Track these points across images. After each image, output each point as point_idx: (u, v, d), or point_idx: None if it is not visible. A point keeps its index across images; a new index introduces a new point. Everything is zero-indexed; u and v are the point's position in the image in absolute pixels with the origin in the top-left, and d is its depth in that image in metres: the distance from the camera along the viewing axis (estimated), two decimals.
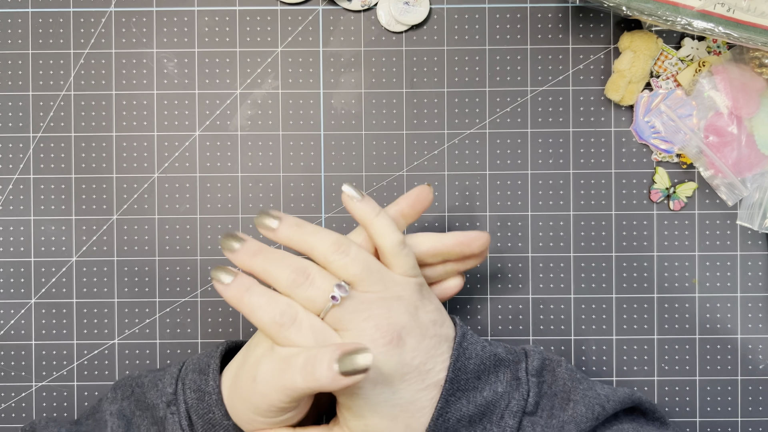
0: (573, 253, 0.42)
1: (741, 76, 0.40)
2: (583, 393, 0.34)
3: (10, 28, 0.42)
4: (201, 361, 0.34)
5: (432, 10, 0.42)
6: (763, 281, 0.42)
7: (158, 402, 0.33)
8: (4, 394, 0.42)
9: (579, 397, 0.33)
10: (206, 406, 0.32)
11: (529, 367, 0.34)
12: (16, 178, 0.42)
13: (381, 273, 0.33)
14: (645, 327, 0.42)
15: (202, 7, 0.42)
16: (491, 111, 0.42)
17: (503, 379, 0.33)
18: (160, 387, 0.34)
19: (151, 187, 0.42)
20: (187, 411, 0.33)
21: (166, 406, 0.33)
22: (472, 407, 0.32)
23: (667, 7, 0.37)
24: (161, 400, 0.33)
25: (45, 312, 0.42)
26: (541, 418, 0.33)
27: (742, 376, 0.42)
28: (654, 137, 0.41)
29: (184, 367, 0.34)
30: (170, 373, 0.34)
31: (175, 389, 0.33)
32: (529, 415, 0.33)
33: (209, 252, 0.42)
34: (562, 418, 0.33)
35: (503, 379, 0.33)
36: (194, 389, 0.33)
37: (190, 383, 0.33)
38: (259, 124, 0.42)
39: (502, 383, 0.33)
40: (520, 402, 0.33)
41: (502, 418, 0.32)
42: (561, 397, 0.34)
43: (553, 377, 0.34)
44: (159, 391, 0.34)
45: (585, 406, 0.33)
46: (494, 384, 0.33)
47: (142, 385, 0.35)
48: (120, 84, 0.42)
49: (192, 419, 0.33)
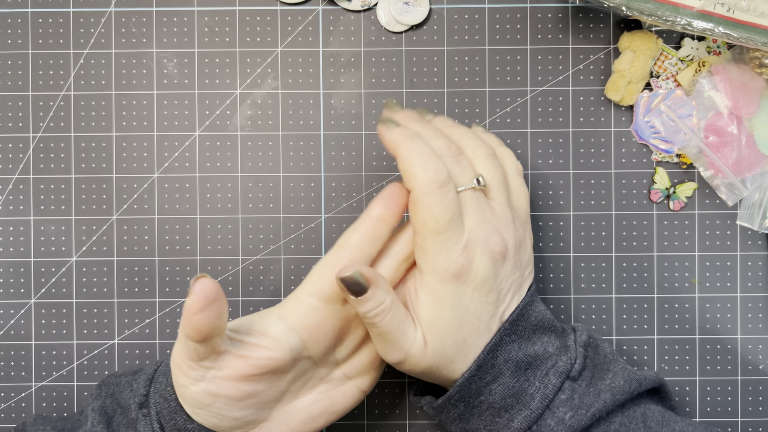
0: (573, 253, 0.42)
1: (741, 76, 0.40)
2: (622, 367, 0.34)
3: (10, 28, 0.42)
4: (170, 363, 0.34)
5: (432, 10, 0.42)
6: (763, 281, 0.42)
7: (131, 403, 0.33)
8: (3, 394, 0.42)
9: (618, 369, 0.34)
10: (169, 412, 0.32)
11: (577, 339, 0.35)
12: (15, 178, 0.42)
13: (509, 190, 0.35)
14: (645, 327, 0.42)
15: (201, 7, 0.42)
16: (491, 111, 0.42)
17: (554, 342, 0.34)
18: (134, 387, 0.34)
19: (151, 187, 0.42)
20: (158, 414, 0.32)
21: (138, 407, 0.33)
22: (521, 354, 0.33)
23: (667, 7, 0.37)
24: (134, 401, 0.33)
25: (45, 312, 0.42)
26: (580, 387, 0.33)
27: (742, 377, 0.42)
28: (654, 137, 0.41)
29: (159, 369, 0.34)
30: (145, 374, 0.34)
31: (147, 391, 0.33)
32: (571, 381, 0.33)
33: (209, 252, 0.42)
34: (599, 386, 0.33)
35: (554, 342, 0.34)
36: (160, 393, 0.32)
37: (159, 386, 0.33)
38: (259, 124, 0.42)
39: (553, 345, 0.34)
40: (567, 365, 0.33)
41: (546, 375, 0.33)
42: (602, 368, 0.34)
43: (596, 352, 0.35)
44: (132, 391, 0.33)
45: (623, 379, 0.34)
46: (546, 344, 0.34)
47: (119, 384, 0.35)
48: (120, 84, 0.42)
49: (162, 423, 0.32)
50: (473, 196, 0.33)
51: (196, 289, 0.29)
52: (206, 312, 0.29)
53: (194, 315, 0.29)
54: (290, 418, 0.34)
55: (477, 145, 0.34)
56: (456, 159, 0.33)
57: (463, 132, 0.35)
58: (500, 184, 0.34)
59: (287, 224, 0.42)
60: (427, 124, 0.34)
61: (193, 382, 0.31)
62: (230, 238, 0.42)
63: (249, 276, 0.42)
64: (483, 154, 0.34)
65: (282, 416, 0.34)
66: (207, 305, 0.29)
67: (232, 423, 0.32)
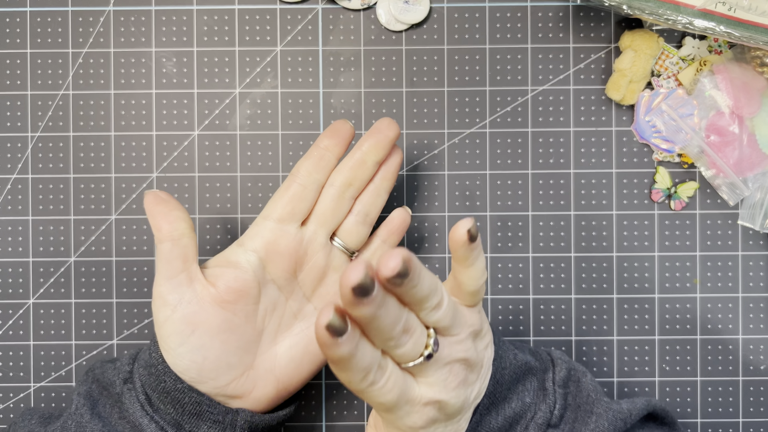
0: (573, 253, 0.42)
1: (742, 76, 0.40)
2: (606, 406, 0.33)
3: (9, 27, 0.42)
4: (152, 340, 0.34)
5: (432, 9, 0.42)
6: (764, 281, 0.42)
7: (115, 379, 0.34)
8: (2, 394, 0.42)
9: (602, 410, 0.33)
10: (156, 378, 0.33)
11: (556, 377, 0.33)
12: (14, 177, 0.42)
13: (462, 315, 0.30)
14: (645, 327, 0.42)
15: (200, 6, 0.42)
16: (491, 111, 0.42)
17: (530, 388, 0.33)
18: (118, 365, 0.35)
19: (150, 186, 0.42)
20: (143, 386, 0.33)
21: (123, 383, 0.34)
22: (501, 419, 0.32)
23: (668, 6, 0.36)
24: (118, 378, 0.34)
25: (43, 312, 0.42)
26: (563, 431, 0.33)
27: (743, 377, 0.41)
28: (655, 137, 0.41)
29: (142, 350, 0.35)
30: (129, 354, 0.35)
31: (131, 368, 0.34)
32: (553, 428, 0.32)
33: (209, 252, 0.42)
34: (583, 431, 0.33)
35: (530, 388, 0.33)
36: (144, 365, 0.34)
37: (142, 361, 0.34)
38: (259, 124, 0.42)
39: (530, 393, 0.33)
40: (546, 414, 0.32)
41: (526, 429, 0.32)
42: (584, 409, 0.33)
43: (578, 388, 0.34)
44: (116, 369, 0.35)
45: (608, 421, 0.33)
46: (522, 394, 0.33)
47: (103, 366, 0.36)
48: (119, 83, 0.42)
49: (148, 393, 0.33)
50: (425, 363, 0.29)
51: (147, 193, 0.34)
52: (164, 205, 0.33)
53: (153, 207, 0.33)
54: (275, 364, 0.35)
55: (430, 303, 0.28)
56: (406, 340, 0.28)
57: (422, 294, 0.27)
58: (454, 321, 0.29)
59: None
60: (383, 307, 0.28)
61: (173, 309, 0.32)
62: (230, 238, 0.42)
63: None
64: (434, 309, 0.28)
65: (266, 363, 0.35)
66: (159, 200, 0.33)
67: (217, 365, 0.33)
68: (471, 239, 0.28)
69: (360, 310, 0.25)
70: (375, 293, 0.24)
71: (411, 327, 0.28)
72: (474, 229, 0.28)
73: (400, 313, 0.27)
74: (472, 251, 0.29)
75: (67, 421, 0.34)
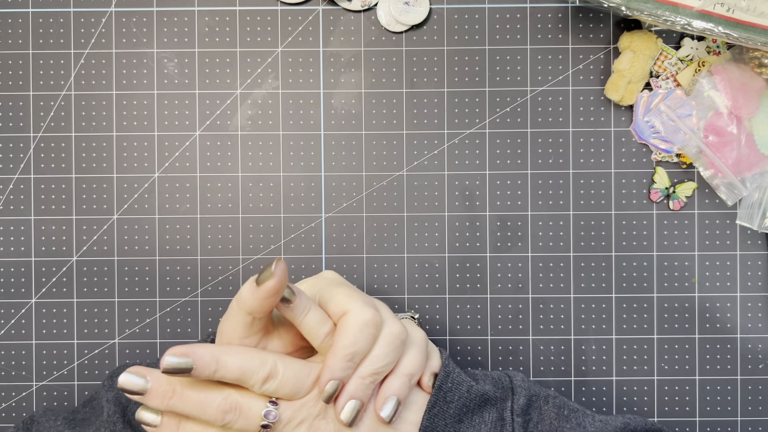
0: (573, 253, 0.42)
1: (740, 76, 0.40)
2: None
3: (11, 28, 0.42)
4: None
5: (432, 10, 0.42)
6: (762, 281, 0.42)
7: None
8: (4, 393, 0.42)
9: None
10: None
11: (514, 406, 0.33)
12: (16, 177, 0.42)
13: (308, 375, 0.30)
14: (645, 327, 0.42)
15: (202, 7, 0.42)
16: (491, 111, 0.42)
17: (488, 419, 0.32)
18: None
19: (152, 186, 0.42)
20: None
21: None
22: None
23: (667, 7, 0.37)
24: None
25: (45, 312, 0.42)
26: None
27: (742, 376, 0.42)
28: (654, 137, 0.41)
29: None
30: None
31: None
32: None
33: (209, 252, 0.42)
34: None
35: (488, 419, 0.32)
36: None
37: None
38: (259, 124, 0.42)
39: (487, 425, 0.32)
40: None
41: None
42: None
43: (539, 416, 0.33)
44: None
45: None
46: (478, 426, 0.32)
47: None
48: (120, 84, 0.42)
49: None
50: (276, 426, 0.30)
51: (278, 272, 0.29)
52: (278, 292, 0.30)
53: (272, 296, 0.29)
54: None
55: (253, 381, 0.30)
56: (236, 418, 0.29)
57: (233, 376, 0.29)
58: (297, 387, 0.30)
59: (287, 224, 0.42)
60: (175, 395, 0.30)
61: None
62: (230, 238, 0.42)
63: (249, 276, 0.42)
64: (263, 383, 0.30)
65: None
66: (282, 288, 0.29)
67: None
68: (286, 302, 0.30)
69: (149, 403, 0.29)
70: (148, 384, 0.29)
71: (230, 405, 0.29)
72: (287, 294, 0.29)
73: (202, 395, 0.29)
74: (293, 311, 0.30)
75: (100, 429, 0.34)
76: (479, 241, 0.42)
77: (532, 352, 0.42)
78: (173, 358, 0.28)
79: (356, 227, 0.42)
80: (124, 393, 0.29)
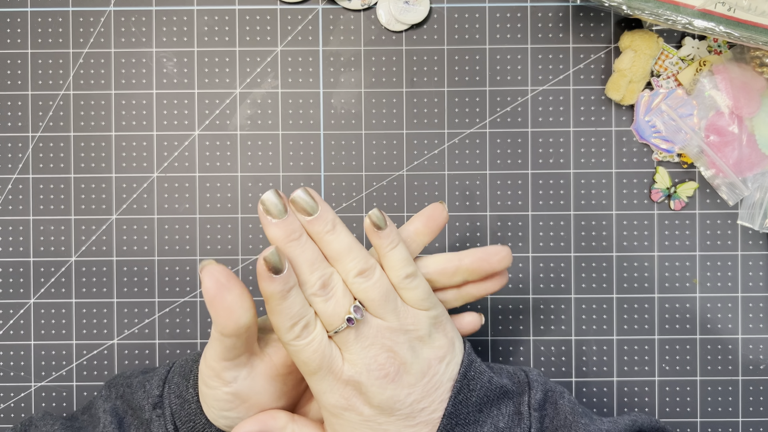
0: (573, 253, 0.42)
1: (742, 76, 0.40)
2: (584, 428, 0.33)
3: (10, 27, 0.42)
4: (187, 363, 0.34)
5: (432, 9, 0.42)
6: (763, 281, 0.42)
7: (144, 404, 0.33)
8: (3, 394, 0.42)
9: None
10: (187, 414, 0.32)
11: (531, 400, 0.33)
12: (15, 177, 0.42)
13: (396, 303, 0.31)
14: (645, 327, 0.42)
15: (201, 6, 0.42)
16: (491, 111, 0.42)
17: (506, 412, 0.33)
18: (147, 389, 0.34)
19: (151, 186, 0.42)
20: (172, 415, 0.32)
21: (152, 408, 0.33)
22: None
23: (668, 6, 0.36)
24: (147, 402, 0.33)
25: (44, 312, 0.42)
26: None
27: (743, 377, 0.42)
28: (655, 137, 0.41)
29: (172, 369, 0.34)
30: (158, 375, 0.34)
31: (161, 392, 0.33)
32: None
33: (209, 252, 0.42)
34: None
35: (506, 412, 0.33)
36: (177, 394, 0.33)
37: (175, 387, 0.33)
38: (259, 124, 0.42)
39: (504, 417, 0.32)
40: None
41: None
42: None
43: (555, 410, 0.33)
44: (146, 392, 0.34)
45: None
46: (496, 418, 0.32)
47: (131, 385, 0.35)
48: (119, 83, 0.42)
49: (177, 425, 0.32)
50: (348, 333, 0.30)
51: (205, 275, 0.30)
52: (225, 295, 0.30)
53: (214, 299, 0.29)
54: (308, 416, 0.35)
55: (353, 264, 0.31)
56: (325, 298, 0.31)
57: (341, 243, 0.31)
58: (384, 302, 0.31)
59: None
60: (306, 223, 0.31)
61: (226, 385, 0.31)
62: (230, 238, 0.42)
63: (249, 276, 0.42)
64: (359, 277, 0.31)
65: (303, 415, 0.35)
66: (221, 287, 0.30)
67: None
68: (376, 227, 0.31)
69: (270, 231, 0.30)
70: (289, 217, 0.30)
71: (331, 283, 0.31)
72: (376, 218, 0.31)
73: (316, 255, 0.31)
74: (380, 239, 0.31)
75: None
76: (479, 241, 0.42)
77: (533, 352, 0.42)
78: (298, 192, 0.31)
79: (356, 227, 0.42)
80: (263, 207, 0.30)
